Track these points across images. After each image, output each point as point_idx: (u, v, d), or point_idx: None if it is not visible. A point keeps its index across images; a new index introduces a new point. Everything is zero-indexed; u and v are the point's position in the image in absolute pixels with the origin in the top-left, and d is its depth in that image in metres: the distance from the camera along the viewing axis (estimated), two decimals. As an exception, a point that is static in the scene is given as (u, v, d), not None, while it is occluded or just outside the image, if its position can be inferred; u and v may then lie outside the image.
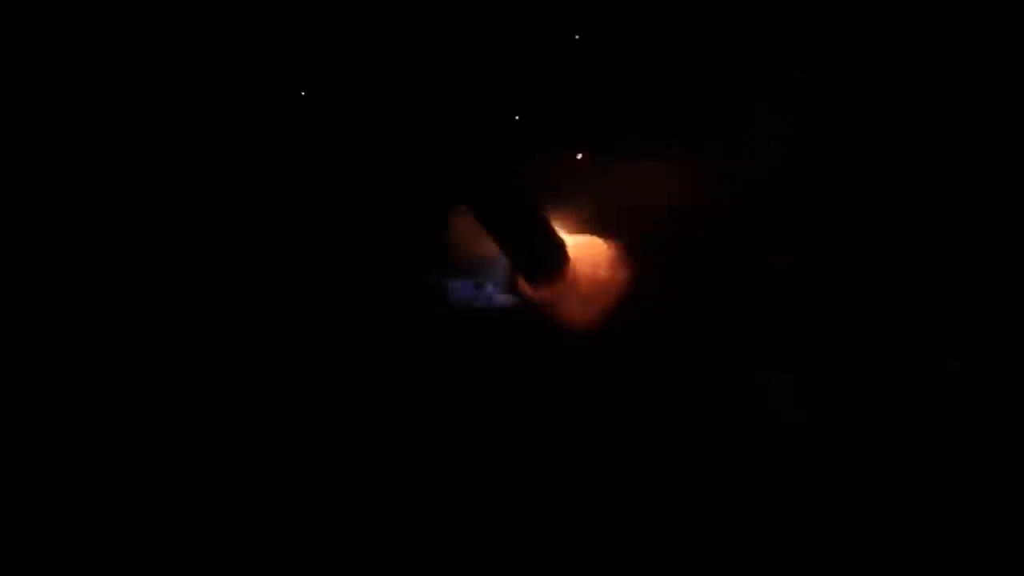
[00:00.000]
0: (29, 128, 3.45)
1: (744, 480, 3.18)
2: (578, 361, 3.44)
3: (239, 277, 3.49)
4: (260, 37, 3.46)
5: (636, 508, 3.14)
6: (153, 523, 3.16)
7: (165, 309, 3.42)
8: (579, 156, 3.63)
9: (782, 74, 3.52)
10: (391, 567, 3.12)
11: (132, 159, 3.52)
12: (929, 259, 3.44)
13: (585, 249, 3.65)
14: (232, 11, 3.43)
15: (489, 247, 3.51)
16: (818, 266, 3.46)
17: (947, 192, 3.50)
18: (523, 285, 3.57)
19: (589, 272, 3.63)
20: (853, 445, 3.21)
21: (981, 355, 3.27)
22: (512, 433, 3.31)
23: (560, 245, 3.53)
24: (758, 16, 3.52)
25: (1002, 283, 3.36)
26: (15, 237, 3.43)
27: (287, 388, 3.39)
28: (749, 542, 3.09)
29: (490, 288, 3.60)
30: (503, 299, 3.60)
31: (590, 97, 3.61)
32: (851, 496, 3.13)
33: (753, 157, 3.51)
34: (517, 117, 3.59)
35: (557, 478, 3.21)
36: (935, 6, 3.48)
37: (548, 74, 3.60)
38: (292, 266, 3.51)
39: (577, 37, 3.55)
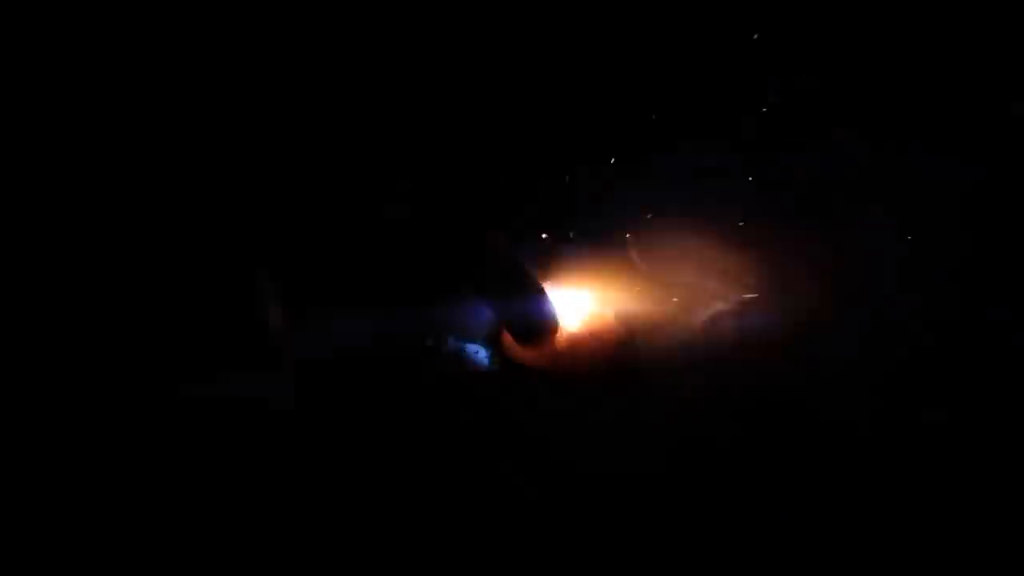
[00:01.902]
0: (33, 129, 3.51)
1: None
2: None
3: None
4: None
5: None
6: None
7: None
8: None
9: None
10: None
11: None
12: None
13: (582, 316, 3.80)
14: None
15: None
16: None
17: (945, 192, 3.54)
18: (511, 346, 3.69)
19: (581, 337, 3.75)
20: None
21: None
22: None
23: (551, 309, 3.63)
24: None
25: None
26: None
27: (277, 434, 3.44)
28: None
29: (478, 349, 3.72)
30: (487, 359, 3.73)
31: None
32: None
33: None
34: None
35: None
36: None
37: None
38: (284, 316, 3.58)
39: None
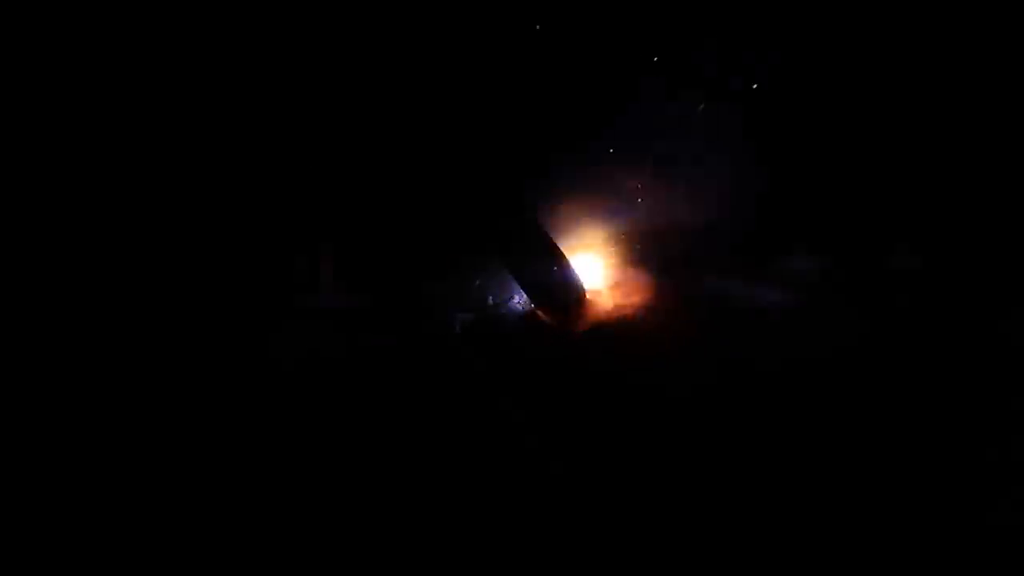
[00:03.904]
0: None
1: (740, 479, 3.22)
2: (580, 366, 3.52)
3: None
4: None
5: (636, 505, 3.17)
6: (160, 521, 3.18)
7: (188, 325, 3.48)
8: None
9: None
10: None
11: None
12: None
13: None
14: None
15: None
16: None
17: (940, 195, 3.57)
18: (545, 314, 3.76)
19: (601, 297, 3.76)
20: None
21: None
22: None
23: (574, 277, 3.64)
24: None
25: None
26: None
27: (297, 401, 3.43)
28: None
29: (513, 300, 3.80)
30: (519, 309, 3.81)
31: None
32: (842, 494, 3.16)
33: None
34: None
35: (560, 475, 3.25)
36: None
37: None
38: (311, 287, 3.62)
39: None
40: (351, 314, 3.64)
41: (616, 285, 3.80)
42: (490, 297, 3.80)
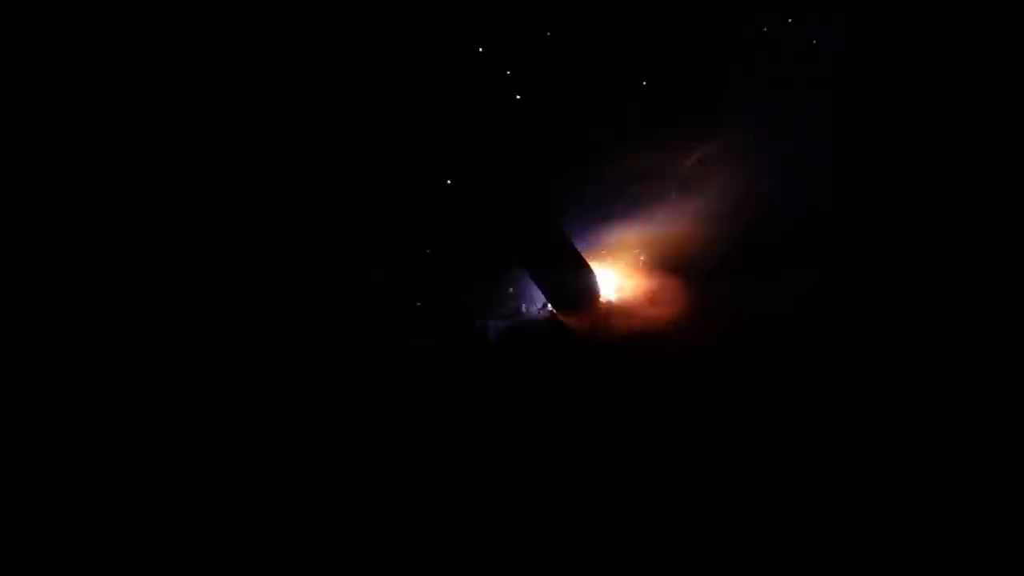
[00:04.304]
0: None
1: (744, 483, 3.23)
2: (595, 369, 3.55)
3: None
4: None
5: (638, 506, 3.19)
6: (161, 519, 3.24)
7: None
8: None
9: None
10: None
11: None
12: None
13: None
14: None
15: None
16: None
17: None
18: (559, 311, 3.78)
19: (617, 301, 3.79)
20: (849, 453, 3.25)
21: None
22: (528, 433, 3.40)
23: (591, 280, 3.66)
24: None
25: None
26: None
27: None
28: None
29: (533, 307, 3.85)
30: (540, 314, 3.88)
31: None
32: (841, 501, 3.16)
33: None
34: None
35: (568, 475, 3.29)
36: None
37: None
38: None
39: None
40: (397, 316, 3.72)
41: (641, 292, 3.83)
42: (523, 304, 3.85)
